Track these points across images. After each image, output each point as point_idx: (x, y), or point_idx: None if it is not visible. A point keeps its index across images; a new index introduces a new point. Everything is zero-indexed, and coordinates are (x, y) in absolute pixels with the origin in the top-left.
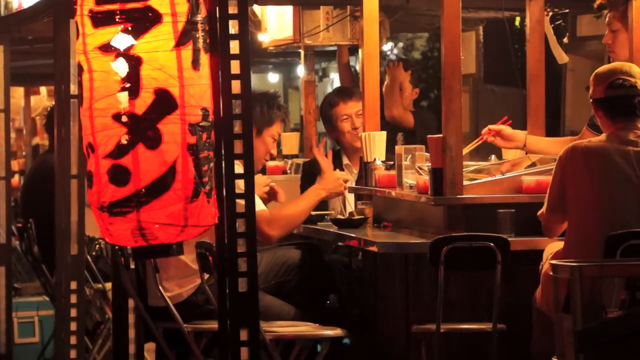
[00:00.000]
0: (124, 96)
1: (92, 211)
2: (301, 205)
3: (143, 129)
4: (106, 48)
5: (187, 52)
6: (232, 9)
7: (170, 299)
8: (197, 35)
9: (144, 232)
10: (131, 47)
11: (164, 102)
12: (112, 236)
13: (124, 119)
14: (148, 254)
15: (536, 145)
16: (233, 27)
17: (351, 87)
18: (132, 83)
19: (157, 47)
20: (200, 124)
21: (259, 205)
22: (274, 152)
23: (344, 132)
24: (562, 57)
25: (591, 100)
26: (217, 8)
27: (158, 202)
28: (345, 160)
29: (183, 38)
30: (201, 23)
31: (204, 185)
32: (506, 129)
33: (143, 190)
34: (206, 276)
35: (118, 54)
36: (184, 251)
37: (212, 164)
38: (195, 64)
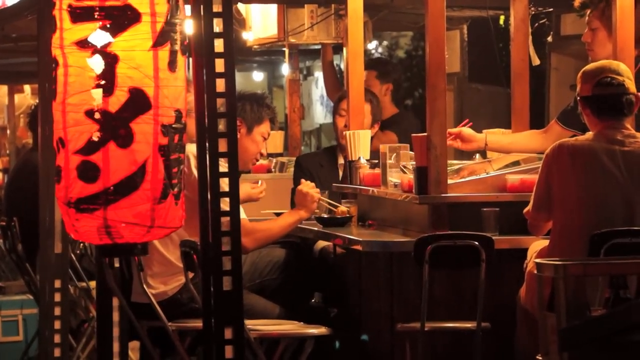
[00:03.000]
0: (98, 93)
1: (58, 206)
2: (281, 222)
3: (115, 127)
4: (83, 44)
5: (164, 52)
6: (217, 7)
7: (155, 297)
8: (175, 37)
9: (110, 230)
10: (108, 44)
11: (138, 102)
12: (78, 232)
13: (97, 115)
14: (112, 252)
15: (497, 143)
16: (217, 26)
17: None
18: (107, 80)
19: (135, 46)
20: (173, 125)
21: (241, 214)
22: (265, 151)
23: (337, 127)
24: (535, 59)
25: (578, 98)
26: (202, 6)
27: (126, 201)
28: (341, 160)
29: (161, 38)
30: (179, 25)
31: (173, 187)
32: (465, 130)
33: (112, 188)
34: (191, 275)
35: (95, 50)
36: (163, 251)
37: (182, 166)
38: (172, 65)
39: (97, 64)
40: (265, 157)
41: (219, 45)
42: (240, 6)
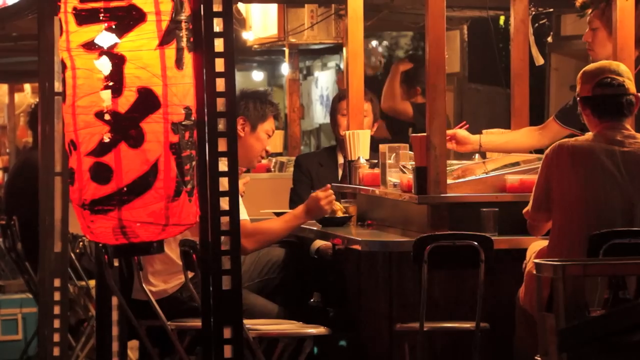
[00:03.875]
0: (107, 94)
1: (73, 208)
2: (282, 224)
3: (125, 127)
4: (90, 46)
5: (170, 51)
6: (217, 7)
7: (155, 294)
8: (181, 34)
9: (125, 230)
10: (115, 45)
11: (147, 101)
12: (93, 234)
13: (107, 117)
14: (129, 251)
15: (492, 143)
16: (218, 25)
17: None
18: (115, 81)
19: (141, 45)
20: (183, 122)
21: (242, 214)
22: (269, 149)
23: (340, 127)
24: (538, 59)
25: (578, 98)
26: (202, 6)
27: (140, 200)
28: (341, 159)
29: (167, 37)
30: (185, 22)
31: (186, 184)
32: (460, 132)
33: (125, 188)
34: (192, 274)
35: (102, 52)
36: (164, 249)
37: (194, 163)
38: (179, 63)
39: (104, 65)
40: (269, 154)
41: (219, 44)
42: (241, 6)
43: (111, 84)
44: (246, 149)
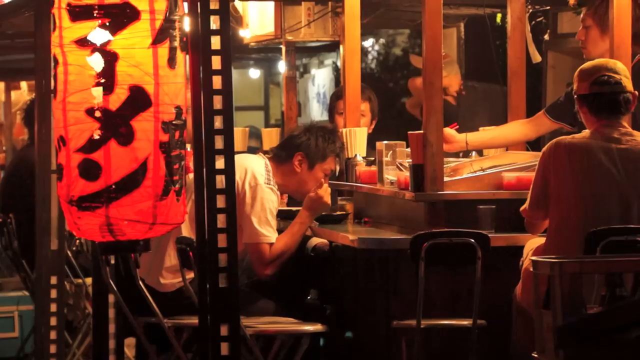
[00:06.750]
0: (98, 91)
1: (60, 204)
2: (293, 236)
3: (116, 124)
4: (83, 42)
5: (163, 50)
6: (214, 5)
7: (163, 286)
8: (174, 34)
9: (112, 227)
10: (108, 42)
11: (138, 99)
12: (80, 230)
13: (97, 114)
14: (114, 249)
15: (478, 141)
16: (214, 23)
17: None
18: (107, 79)
19: (134, 43)
20: (173, 122)
21: (271, 236)
22: (324, 181)
23: (339, 127)
24: (535, 56)
25: (575, 96)
26: (199, 3)
27: (128, 198)
28: None
29: (160, 36)
30: (179, 21)
31: (174, 184)
32: (446, 130)
33: (113, 186)
34: (191, 274)
35: (94, 48)
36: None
37: (183, 163)
38: (171, 62)
39: (96, 62)
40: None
41: (215, 42)
42: (237, 3)
43: (103, 81)
44: (299, 183)
